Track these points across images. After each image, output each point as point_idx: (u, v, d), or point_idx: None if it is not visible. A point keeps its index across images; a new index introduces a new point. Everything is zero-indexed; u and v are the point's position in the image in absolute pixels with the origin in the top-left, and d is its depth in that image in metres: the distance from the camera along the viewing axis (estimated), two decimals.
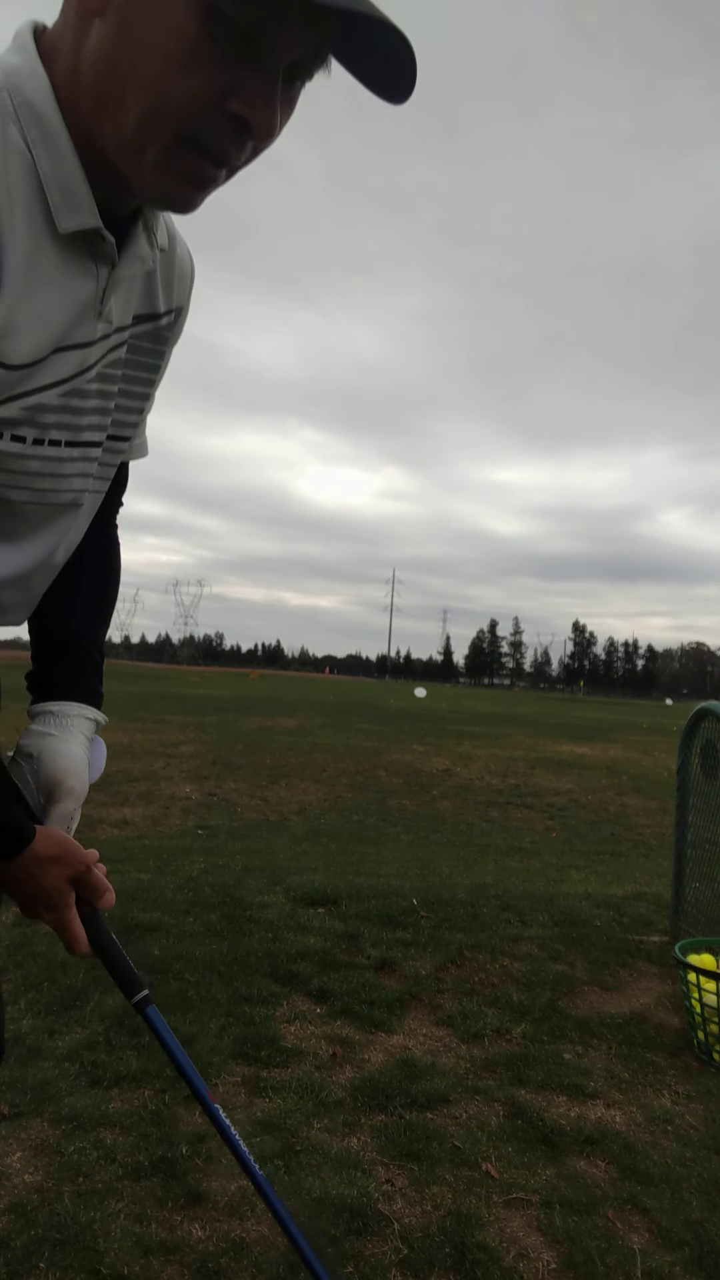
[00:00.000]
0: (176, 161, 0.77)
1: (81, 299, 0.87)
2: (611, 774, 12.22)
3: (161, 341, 1.04)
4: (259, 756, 11.89)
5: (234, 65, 0.73)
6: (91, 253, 0.86)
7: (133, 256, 0.91)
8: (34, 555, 1.00)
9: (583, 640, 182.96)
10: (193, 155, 0.77)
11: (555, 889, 4.67)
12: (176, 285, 1.03)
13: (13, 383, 0.84)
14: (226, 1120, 1.12)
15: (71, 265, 0.84)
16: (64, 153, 0.80)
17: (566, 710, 39.32)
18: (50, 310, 0.84)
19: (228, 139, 0.77)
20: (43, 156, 0.79)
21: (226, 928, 3.42)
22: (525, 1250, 1.74)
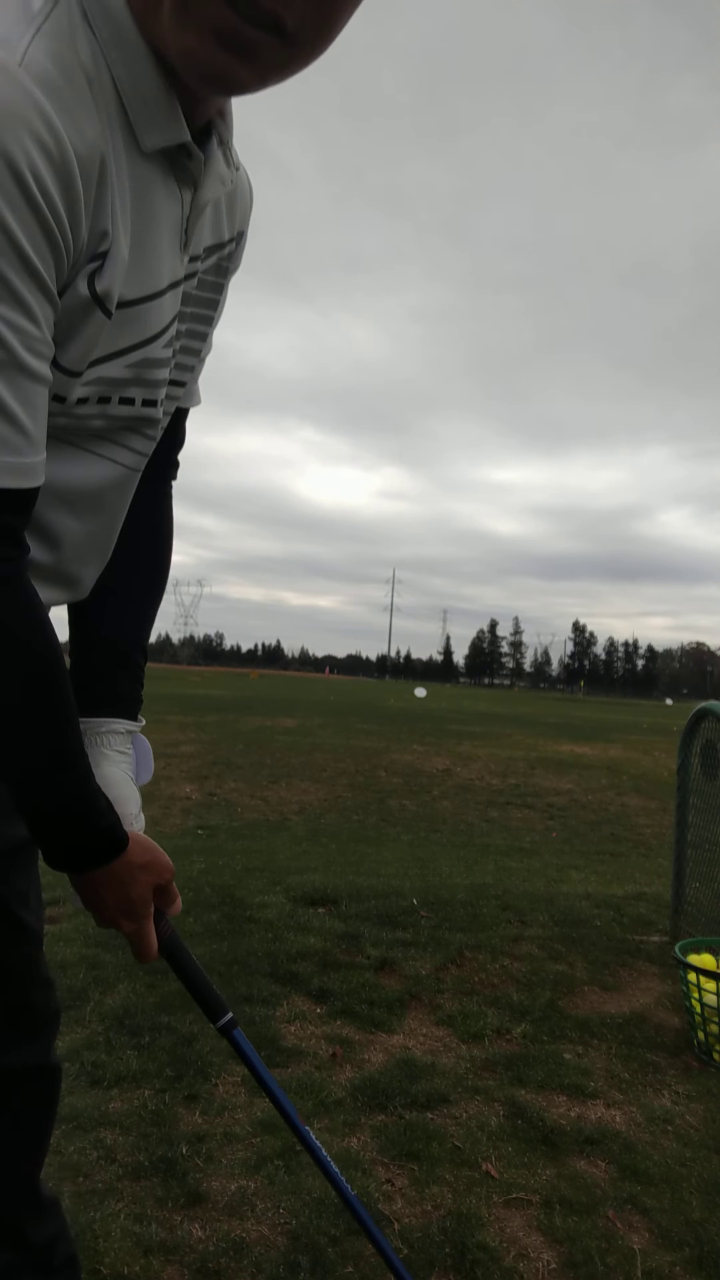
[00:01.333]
0: (196, 7, 0.64)
1: (171, 228, 0.76)
2: (611, 774, 12.22)
3: (223, 273, 0.93)
4: (259, 756, 11.89)
5: None
6: (176, 173, 0.75)
7: (213, 178, 0.79)
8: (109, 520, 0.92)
9: (583, 640, 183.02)
10: (218, 4, 0.63)
11: (555, 889, 4.67)
12: (239, 208, 0.92)
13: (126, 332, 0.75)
14: (318, 1143, 1.11)
15: (159, 187, 0.73)
16: (139, 56, 0.68)
17: (566, 710, 39.31)
18: (149, 241, 0.74)
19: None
20: (117, 62, 0.67)
21: (226, 928, 3.42)
22: (525, 1250, 1.74)
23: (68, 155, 0.62)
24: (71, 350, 0.72)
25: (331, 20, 0.67)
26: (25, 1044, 1.05)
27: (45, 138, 0.61)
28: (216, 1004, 1.06)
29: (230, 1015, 1.06)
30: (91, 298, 0.70)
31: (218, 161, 0.79)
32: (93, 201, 0.67)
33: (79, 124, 0.64)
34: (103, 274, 0.70)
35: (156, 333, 0.79)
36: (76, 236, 0.66)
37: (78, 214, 0.65)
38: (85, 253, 0.69)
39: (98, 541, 0.93)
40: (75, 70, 0.64)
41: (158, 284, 0.76)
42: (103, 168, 0.67)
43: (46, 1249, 1.09)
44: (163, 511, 1.09)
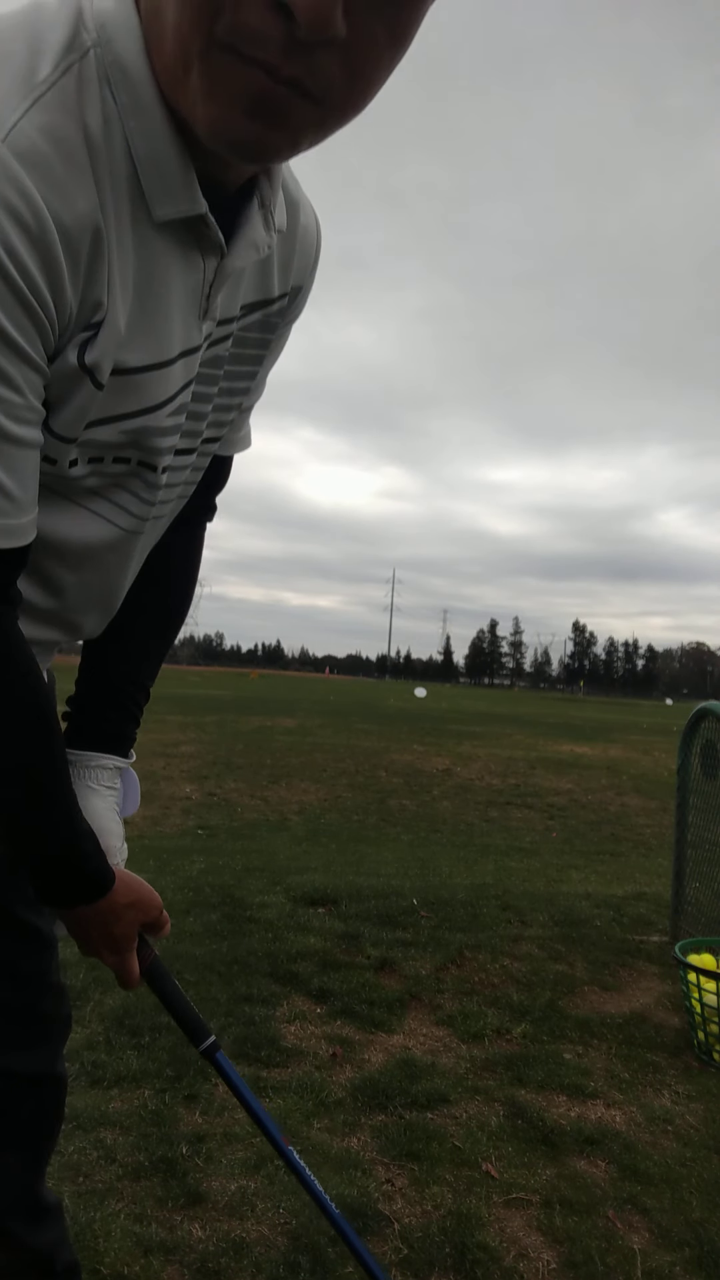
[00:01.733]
0: (220, 78, 0.60)
1: (186, 298, 0.75)
2: (611, 774, 12.22)
3: (269, 329, 0.90)
4: (259, 756, 11.89)
5: None
6: (197, 242, 0.73)
7: (245, 244, 0.76)
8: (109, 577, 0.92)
9: (583, 640, 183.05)
10: (238, 68, 0.60)
11: (555, 889, 4.67)
12: (297, 262, 0.89)
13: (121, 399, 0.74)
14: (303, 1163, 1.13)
15: (174, 256, 0.72)
16: (156, 123, 0.66)
17: (566, 710, 39.32)
18: (155, 310, 0.73)
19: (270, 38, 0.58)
20: (133, 128, 0.65)
21: (226, 928, 3.42)
22: (525, 1250, 1.74)
23: (46, 228, 0.62)
24: (62, 416, 0.73)
25: (365, 79, 0.63)
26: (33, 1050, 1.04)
27: (23, 213, 0.60)
28: (198, 1027, 1.07)
29: (213, 1039, 1.07)
30: (80, 368, 0.70)
31: (253, 227, 0.76)
32: (82, 273, 0.66)
33: (68, 195, 0.63)
34: (94, 345, 0.70)
35: (159, 402, 0.78)
36: (61, 307, 0.66)
37: (60, 286, 0.65)
38: (76, 323, 0.68)
39: (98, 595, 0.93)
40: (73, 142, 0.63)
41: (165, 353, 0.75)
42: (96, 239, 0.66)
43: (47, 1255, 1.09)
44: (188, 556, 1.09)
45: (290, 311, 0.92)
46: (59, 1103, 1.11)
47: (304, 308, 0.94)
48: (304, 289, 0.92)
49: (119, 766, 1.03)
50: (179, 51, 0.61)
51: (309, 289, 0.93)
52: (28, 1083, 1.05)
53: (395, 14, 0.61)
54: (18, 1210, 1.06)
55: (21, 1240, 1.06)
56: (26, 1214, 1.07)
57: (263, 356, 0.92)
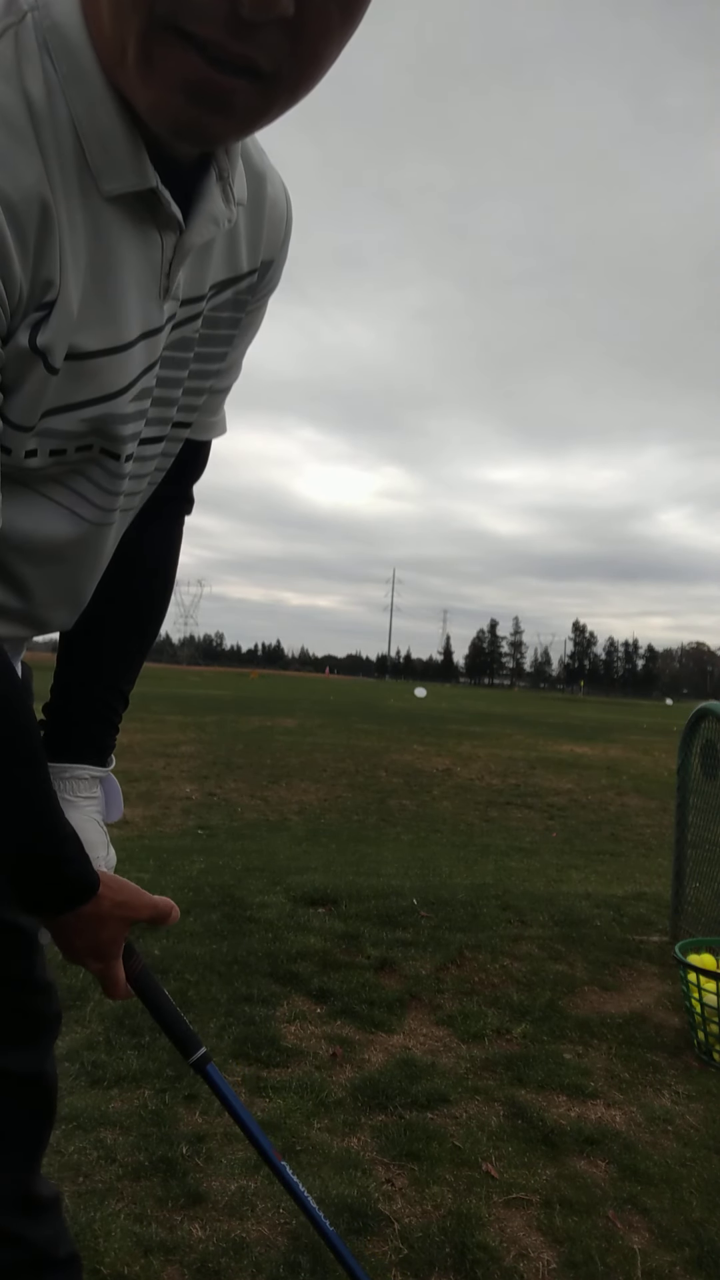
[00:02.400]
0: (162, 60, 0.58)
1: (144, 276, 0.71)
2: (611, 774, 12.22)
3: (240, 307, 0.87)
4: (259, 756, 11.89)
5: None
6: (152, 218, 0.69)
7: (204, 218, 0.72)
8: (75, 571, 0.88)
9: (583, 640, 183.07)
10: (179, 50, 0.57)
11: (555, 889, 4.67)
12: (266, 236, 0.85)
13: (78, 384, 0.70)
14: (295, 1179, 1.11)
15: (128, 235, 0.68)
16: (98, 94, 0.62)
17: (566, 710, 39.32)
18: (110, 289, 0.69)
19: (212, 17, 0.56)
20: (75, 99, 0.62)
21: (226, 928, 3.42)
22: (525, 1250, 1.74)
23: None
24: (15, 402, 0.69)
25: (315, 57, 0.61)
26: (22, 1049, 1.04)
27: None
28: (188, 1039, 1.05)
29: (204, 1050, 1.05)
30: (32, 350, 0.66)
31: (212, 200, 0.72)
32: (31, 249, 0.62)
33: (10, 169, 0.59)
34: (46, 326, 0.65)
35: (120, 388, 0.73)
36: (10, 286, 0.62)
37: (8, 264, 0.61)
38: (28, 303, 0.64)
39: (65, 589, 0.90)
40: (14, 110, 0.59)
41: (123, 336, 0.71)
42: (44, 213, 0.62)
43: (47, 1248, 1.09)
44: (165, 550, 1.04)
45: (262, 287, 0.89)
46: (50, 1101, 1.11)
47: (278, 282, 0.91)
48: (276, 263, 0.89)
49: (97, 776, 1.00)
50: (116, 28, 0.58)
51: (282, 262, 0.90)
52: (18, 1082, 1.05)
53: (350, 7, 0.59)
54: (12, 1207, 1.06)
55: (19, 1236, 1.06)
56: (22, 1210, 1.07)
57: (234, 337, 0.89)
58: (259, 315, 0.93)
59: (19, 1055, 1.04)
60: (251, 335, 0.94)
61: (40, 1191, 1.10)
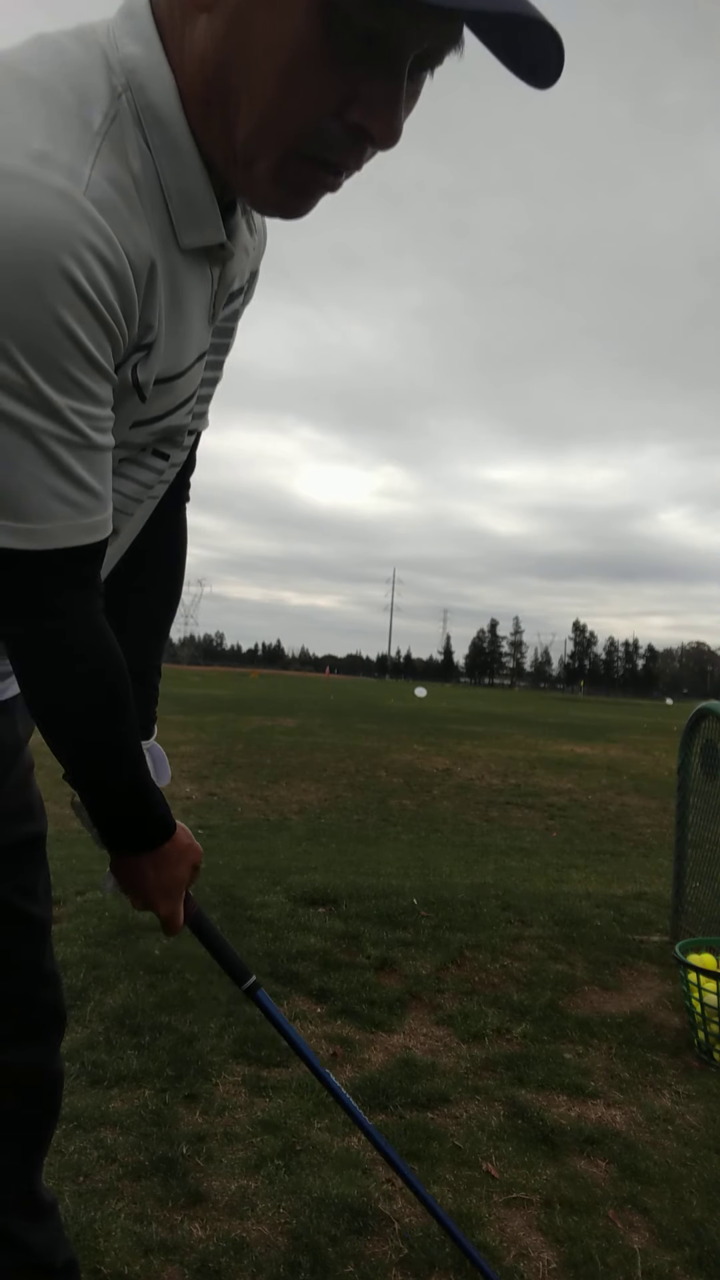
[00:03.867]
0: (290, 174, 0.71)
1: (201, 307, 0.83)
2: (612, 774, 12.23)
3: (235, 318, 0.98)
4: (259, 756, 11.89)
5: (356, 69, 0.65)
6: (209, 258, 0.81)
7: (239, 250, 0.85)
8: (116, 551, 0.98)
9: (583, 640, 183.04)
10: (309, 167, 0.71)
11: (556, 889, 4.67)
12: (253, 251, 0.96)
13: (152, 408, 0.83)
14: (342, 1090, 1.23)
15: (194, 274, 0.80)
16: (190, 165, 0.73)
17: (567, 710, 39.32)
18: (183, 325, 0.81)
19: (346, 150, 0.70)
20: (166, 168, 0.72)
21: (226, 927, 3.42)
22: (525, 1250, 1.74)
23: (124, 265, 0.69)
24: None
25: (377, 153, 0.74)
26: (29, 1043, 1.04)
27: (106, 253, 0.67)
28: (240, 969, 1.15)
29: (254, 978, 1.16)
30: (133, 384, 0.78)
31: (243, 233, 0.85)
32: (141, 300, 0.73)
33: (134, 235, 0.70)
34: (146, 364, 0.78)
35: (181, 402, 0.86)
36: (131, 331, 0.74)
37: (132, 313, 0.72)
38: (134, 343, 0.75)
39: None
40: (128, 183, 0.70)
41: (186, 360, 0.84)
42: (152, 270, 0.73)
43: (46, 1253, 1.09)
44: (180, 534, 1.19)
45: (248, 295, 0.99)
46: (55, 1098, 1.11)
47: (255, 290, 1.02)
48: (257, 273, 1.00)
49: (145, 746, 1.13)
50: (250, 148, 0.69)
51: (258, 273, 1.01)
52: (23, 1076, 1.05)
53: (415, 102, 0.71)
54: (16, 1207, 1.06)
55: (20, 1239, 1.06)
56: (24, 1212, 1.07)
57: (227, 345, 1.00)
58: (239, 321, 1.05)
59: (23, 1050, 1.04)
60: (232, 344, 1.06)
61: (41, 1196, 1.11)
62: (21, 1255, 1.07)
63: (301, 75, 0.65)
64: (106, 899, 3.41)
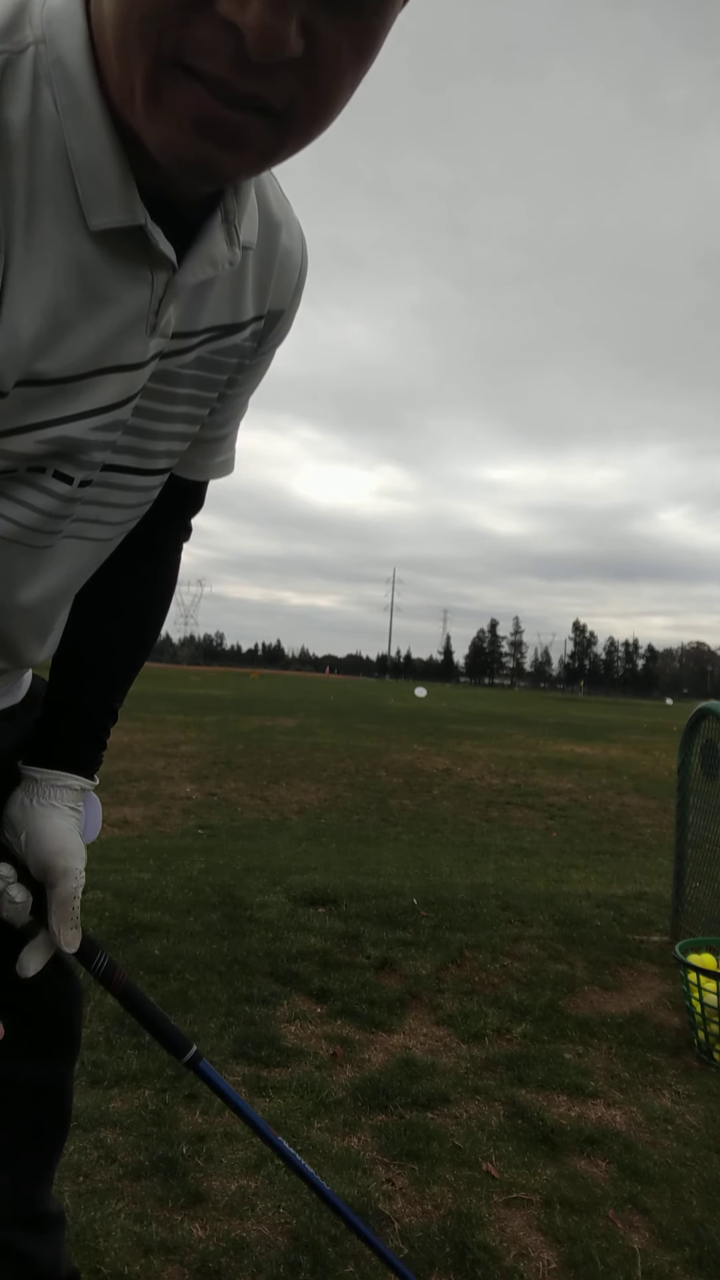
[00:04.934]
0: (170, 96, 0.57)
1: (129, 311, 0.70)
2: (612, 774, 12.22)
3: (244, 354, 0.85)
4: (259, 756, 11.89)
5: None
6: (144, 255, 0.68)
7: (201, 259, 0.71)
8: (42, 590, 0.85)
9: (583, 640, 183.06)
10: (186, 86, 0.56)
11: (556, 889, 4.67)
12: (275, 285, 0.84)
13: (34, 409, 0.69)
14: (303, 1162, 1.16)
15: (114, 269, 0.68)
16: (95, 129, 0.62)
17: (567, 710, 39.32)
18: (79, 321, 0.68)
19: (221, 59, 0.54)
20: (71, 131, 0.61)
21: (226, 927, 3.42)
22: (525, 1250, 1.74)
23: None
24: None
25: (327, 96, 0.59)
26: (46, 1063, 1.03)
27: None
28: (178, 1041, 1.05)
29: (194, 1050, 1.06)
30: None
31: (212, 241, 0.71)
32: None
33: None
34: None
35: (81, 412, 0.72)
36: None
37: None
38: None
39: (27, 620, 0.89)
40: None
41: (92, 364, 0.70)
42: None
43: (50, 1267, 1.09)
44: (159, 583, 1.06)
45: (271, 337, 0.88)
46: (65, 1114, 1.10)
47: (287, 334, 0.90)
48: (286, 314, 0.88)
49: (84, 788, 1.00)
50: (124, 66, 0.57)
51: (292, 314, 0.89)
52: (39, 1094, 1.04)
53: (360, 26, 0.56)
54: (18, 1221, 1.05)
55: (24, 1252, 1.05)
56: (27, 1226, 1.06)
57: (235, 380, 0.88)
58: (265, 365, 0.93)
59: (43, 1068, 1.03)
60: (255, 383, 0.94)
61: (48, 1209, 1.10)
62: (26, 1268, 1.06)
63: None
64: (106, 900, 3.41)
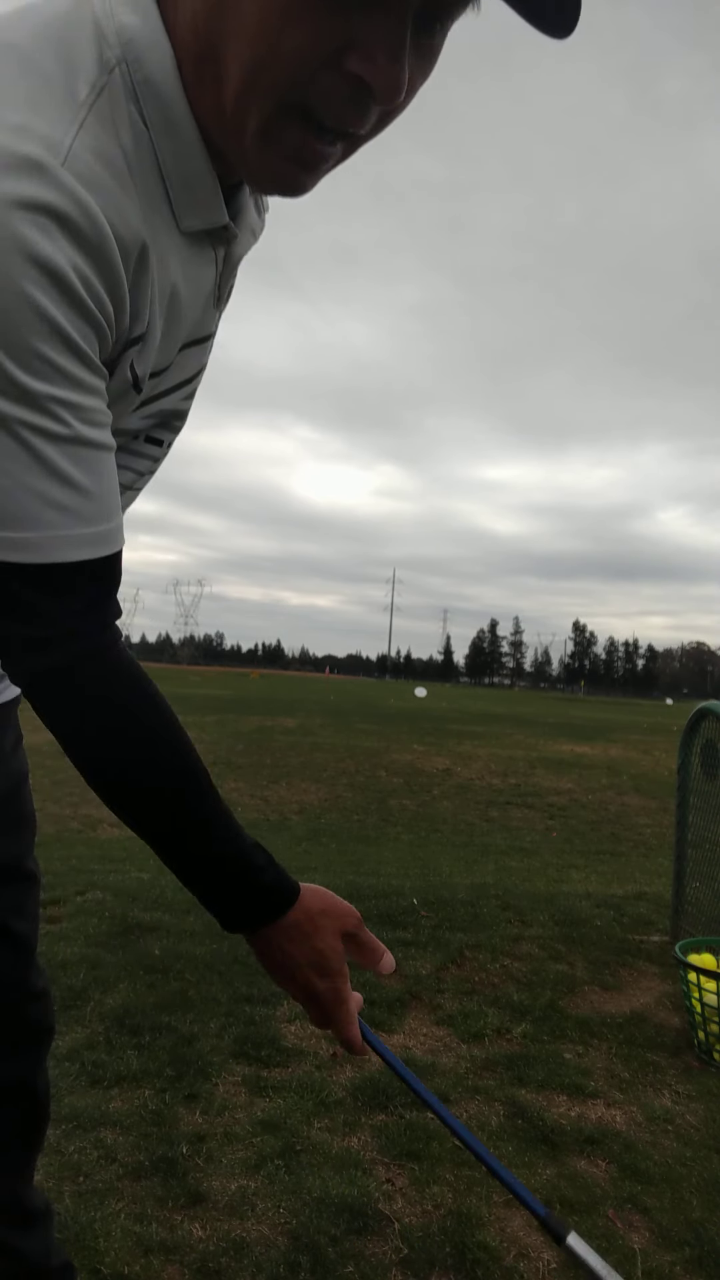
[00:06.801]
0: (281, 135, 0.65)
1: (205, 291, 0.79)
2: (612, 774, 12.23)
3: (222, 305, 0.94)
4: (259, 756, 11.89)
5: (351, 11, 0.59)
6: (211, 240, 0.76)
7: (245, 231, 0.80)
8: None
9: (583, 640, 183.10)
10: (299, 128, 0.64)
11: (556, 889, 4.67)
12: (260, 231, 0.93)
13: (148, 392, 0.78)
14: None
15: (196, 258, 0.76)
16: (189, 142, 0.68)
17: (567, 710, 39.32)
18: (182, 311, 0.77)
19: (344, 106, 0.63)
20: (164, 146, 0.67)
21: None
22: (525, 1250, 1.74)
23: (109, 246, 0.64)
24: None
25: (388, 124, 0.68)
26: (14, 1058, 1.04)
27: (87, 232, 0.62)
28: None
29: None
30: (131, 381, 0.74)
31: (249, 213, 0.80)
32: (130, 284, 0.68)
33: (123, 212, 0.65)
34: (142, 356, 0.73)
35: (174, 385, 0.82)
36: (120, 320, 0.68)
37: (120, 299, 0.67)
38: (127, 332, 0.70)
39: None
40: (118, 159, 0.65)
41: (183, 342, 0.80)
42: (142, 253, 0.68)
43: (40, 1258, 1.09)
44: None
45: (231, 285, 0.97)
46: (42, 1111, 1.10)
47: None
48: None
49: None
50: (241, 107, 0.64)
51: None
52: (12, 1092, 1.04)
53: (429, 65, 0.65)
54: (4, 1219, 1.05)
55: (12, 1245, 1.06)
56: (14, 1220, 1.07)
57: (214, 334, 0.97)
58: None
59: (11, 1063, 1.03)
60: None
61: (32, 1202, 1.10)
62: (15, 1261, 1.06)
63: (292, 16, 0.59)
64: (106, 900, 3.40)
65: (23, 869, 1.04)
